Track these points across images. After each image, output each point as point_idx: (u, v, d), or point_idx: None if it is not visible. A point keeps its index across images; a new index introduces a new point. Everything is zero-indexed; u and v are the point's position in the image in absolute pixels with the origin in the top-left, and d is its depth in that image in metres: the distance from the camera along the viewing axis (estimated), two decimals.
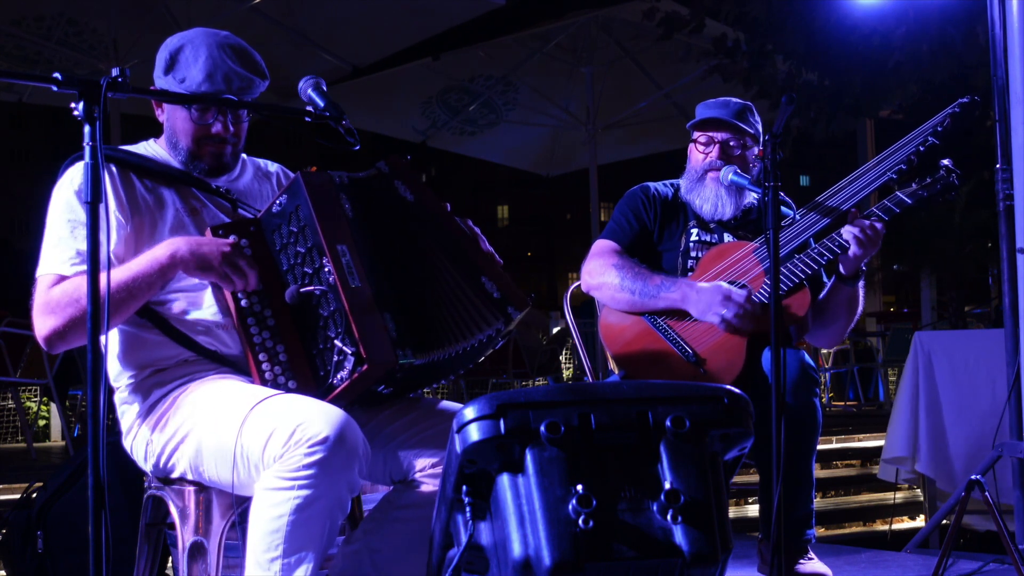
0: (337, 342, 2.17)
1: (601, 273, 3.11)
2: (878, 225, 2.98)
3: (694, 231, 3.21)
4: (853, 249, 2.96)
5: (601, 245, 3.20)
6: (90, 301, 1.76)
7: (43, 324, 2.22)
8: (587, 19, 9.07)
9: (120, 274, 2.20)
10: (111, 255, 2.28)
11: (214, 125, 2.38)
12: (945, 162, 3.03)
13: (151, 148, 2.48)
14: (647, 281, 3.05)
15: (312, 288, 2.21)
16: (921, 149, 2.97)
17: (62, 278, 2.24)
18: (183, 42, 2.38)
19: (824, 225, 3.06)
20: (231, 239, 2.24)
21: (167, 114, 2.44)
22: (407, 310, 2.24)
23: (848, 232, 2.97)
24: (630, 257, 3.14)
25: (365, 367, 2.14)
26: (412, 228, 2.35)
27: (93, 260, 1.77)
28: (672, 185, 3.31)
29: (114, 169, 2.35)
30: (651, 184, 3.31)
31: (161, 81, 2.37)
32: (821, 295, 3.14)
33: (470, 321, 2.28)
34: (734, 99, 3.24)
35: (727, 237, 3.20)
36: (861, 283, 3.09)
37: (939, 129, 2.98)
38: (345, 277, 2.17)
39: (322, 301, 2.20)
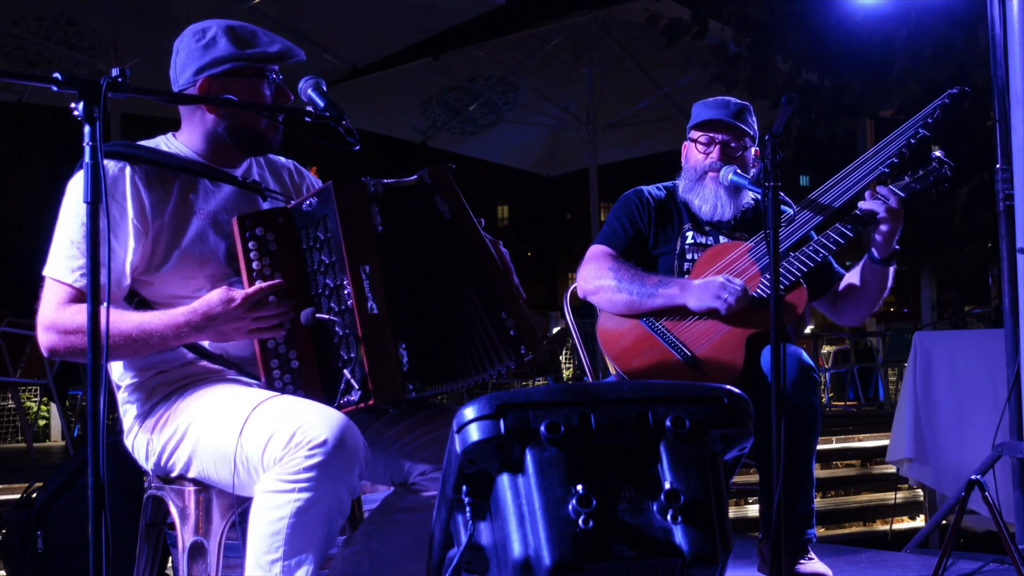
0: (346, 372, 2.15)
1: (597, 277, 3.11)
2: (901, 194, 2.98)
3: (689, 234, 3.21)
4: (881, 215, 2.96)
5: (596, 250, 3.19)
6: (90, 302, 1.75)
7: (46, 339, 2.21)
8: (587, 19, 9.07)
9: (131, 328, 2.17)
10: (126, 267, 2.26)
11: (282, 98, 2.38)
12: (937, 153, 3.02)
13: (172, 143, 2.41)
14: (644, 281, 3.05)
15: (328, 317, 2.18)
16: (912, 142, 2.97)
17: (73, 292, 2.21)
18: (226, 24, 2.34)
19: (819, 222, 3.06)
20: (239, 300, 2.16)
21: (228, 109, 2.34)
22: (423, 337, 2.20)
23: (870, 203, 2.96)
24: (625, 261, 3.14)
25: (371, 401, 2.13)
26: (443, 248, 2.29)
27: (93, 262, 1.76)
28: (665, 188, 3.31)
29: (138, 171, 2.28)
30: (644, 188, 3.30)
31: (226, 64, 2.29)
32: (841, 284, 3.14)
33: (483, 355, 2.25)
34: (733, 99, 3.24)
35: (723, 239, 3.20)
36: (893, 265, 3.08)
37: (929, 121, 2.97)
38: (364, 302, 2.14)
39: (339, 322, 2.17)
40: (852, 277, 3.16)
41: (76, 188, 2.27)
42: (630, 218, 3.22)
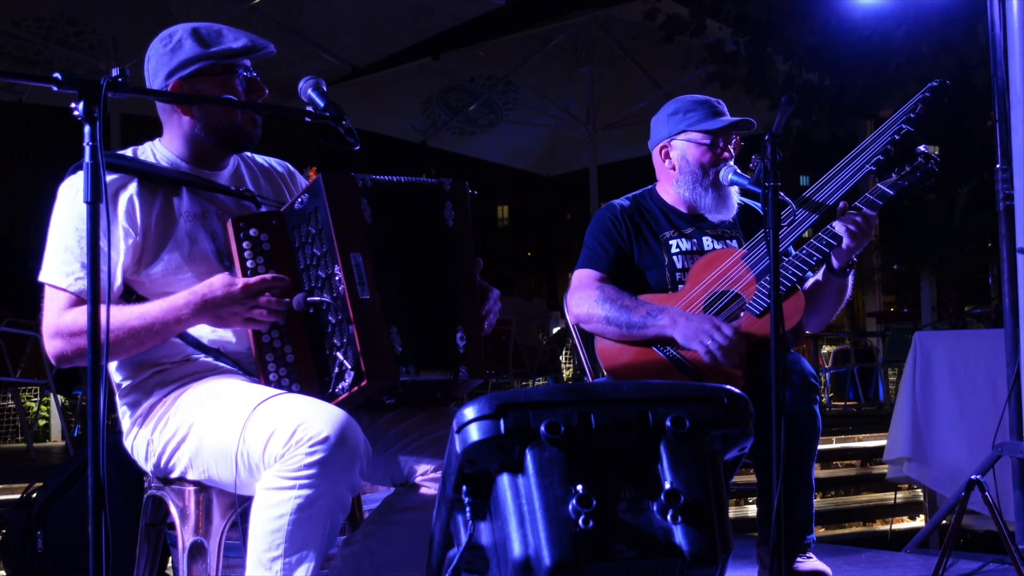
0: (339, 354, 2.17)
1: (586, 307, 3.06)
2: (870, 213, 2.94)
3: (673, 242, 3.15)
4: (846, 242, 2.92)
5: (581, 276, 3.14)
6: (90, 302, 1.75)
7: (52, 346, 2.23)
8: (587, 19, 9.08)
9: (133, 319, 2.19)
10: (118, 269, 2.27)
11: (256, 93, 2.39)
12: (922, 148, 2.99)
13: (159, 150, 2.42)
14: (632, 313, 3.00)
15: (319, 299, 2.20)
16: (896, 138, 2.94)
17: (72, 297, 2.23)
18: (191, 26, 2.36)
19: (811, 223, 3.03)
20: (240, 286, 2.18)
21: (201, 107, 2.35)
22: (415, 325, 2.22)
23: (840, 226, 2.94)
24: (612, 285, 3.08)
25: (364, 383, 2.14)
26: (435, 251, 2.31)
27: (93, 263, 1.76)
28: (633, 197, 3.25)
29: (129, 177, 2.31)
30: (615, 202, 3.23)
31: (194, 65, 2.30)
32: (806, 286, 3.10)
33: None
34: (709, 97, 3.23)
35: (706, 240, 3.16)
36: (851, 274, 3.06)
37: (912, 116, 2.94)
38: (355, 288, 2.16)
39: (331, 308, 2.19)
40: (811, 287, 3.11)
41: (68, 192, 2.29)
42: (608, 236, 3.15)
